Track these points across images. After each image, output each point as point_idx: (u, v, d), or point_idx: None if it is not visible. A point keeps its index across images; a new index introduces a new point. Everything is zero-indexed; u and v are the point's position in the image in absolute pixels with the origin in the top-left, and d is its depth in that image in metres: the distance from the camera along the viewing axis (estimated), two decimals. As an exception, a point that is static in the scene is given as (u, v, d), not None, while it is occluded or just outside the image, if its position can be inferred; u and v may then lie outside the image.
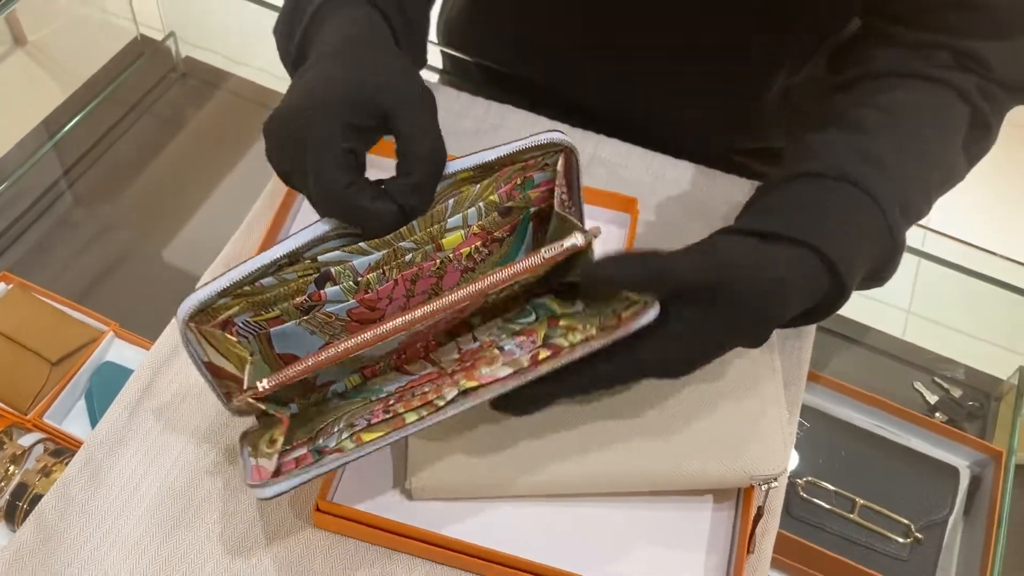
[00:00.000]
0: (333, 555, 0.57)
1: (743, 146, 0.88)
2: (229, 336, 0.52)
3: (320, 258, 0.52)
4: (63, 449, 0.74)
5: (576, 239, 0.52)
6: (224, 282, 0.49)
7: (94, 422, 0.77)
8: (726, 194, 0.78)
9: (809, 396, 0.85)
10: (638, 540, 0.59)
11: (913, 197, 0.59)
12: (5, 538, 0.71)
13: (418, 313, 0.50)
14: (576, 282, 0.58)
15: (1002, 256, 0.90)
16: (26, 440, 0.74)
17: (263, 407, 0.51)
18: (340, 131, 0.50)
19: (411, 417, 0.51)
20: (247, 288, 0.50)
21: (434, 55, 0.94)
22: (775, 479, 0.58)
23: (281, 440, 0.51)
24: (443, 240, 0.56)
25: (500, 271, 0.51)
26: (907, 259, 0.92)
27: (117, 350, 0.81)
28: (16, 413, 0.77)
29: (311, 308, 0.53)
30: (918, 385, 0.92)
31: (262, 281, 0.51)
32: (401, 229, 0.53)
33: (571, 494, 0.60)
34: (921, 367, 0.94)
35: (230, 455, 0.60)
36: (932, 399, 0.91)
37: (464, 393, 0.51)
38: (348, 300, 0.54)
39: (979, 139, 0.64)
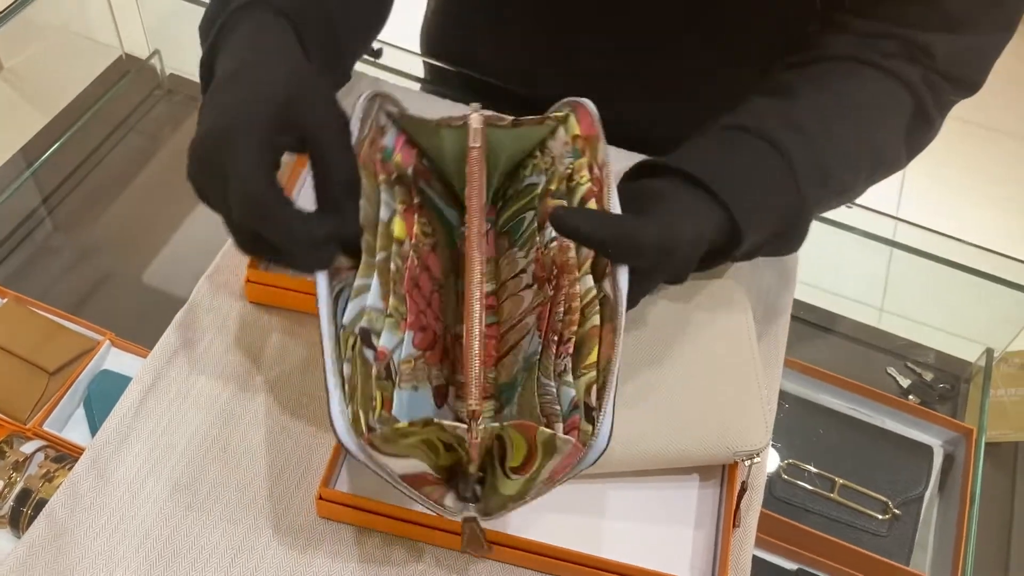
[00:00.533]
0: (337, 541, 0.60)
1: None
2: (403, 426, 0.46)
3: (345, 323, 0.51)
4: (65, 455, 0.76)
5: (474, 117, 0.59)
6: (336, 399, 0.47)
7: (93, 429, 0.79)
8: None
9: (788, 383, 0.88)
10: (628, 518, 0.62)
11: (835, 167, 0.62)
12: (10, 544, 0.73)
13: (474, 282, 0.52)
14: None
15: (968, 243, 0.94)
16: (27, 448, 0.76)
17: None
18: (263, 149, 0.50)
19: (595, 320, 0.51)
20: (345, 389, 0.49)
21: (415, 64, 0.97)
22: (757, 454, 0.61)
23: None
24: (393, 232, 0.57)
25: (471, 189, 0.56)
26: (879, 248, 0.96)
27: (114, 358, 0.83)
28: (16, 423, 0.78)
29: (388, 369, 0.52)
30: (891, 370, 0.95)
31: (344, 373, 0.49)
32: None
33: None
34: (894, 353, 0.97)
35: (233, 450, 0.62)
36: (905, 383, 0.94)
37: (599, 281, 0.53)
38: (401, 334, 0.54)
39: (920, 130, 0.67)
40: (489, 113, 0.61)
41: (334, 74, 0.65)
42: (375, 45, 0.93)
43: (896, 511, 0.80)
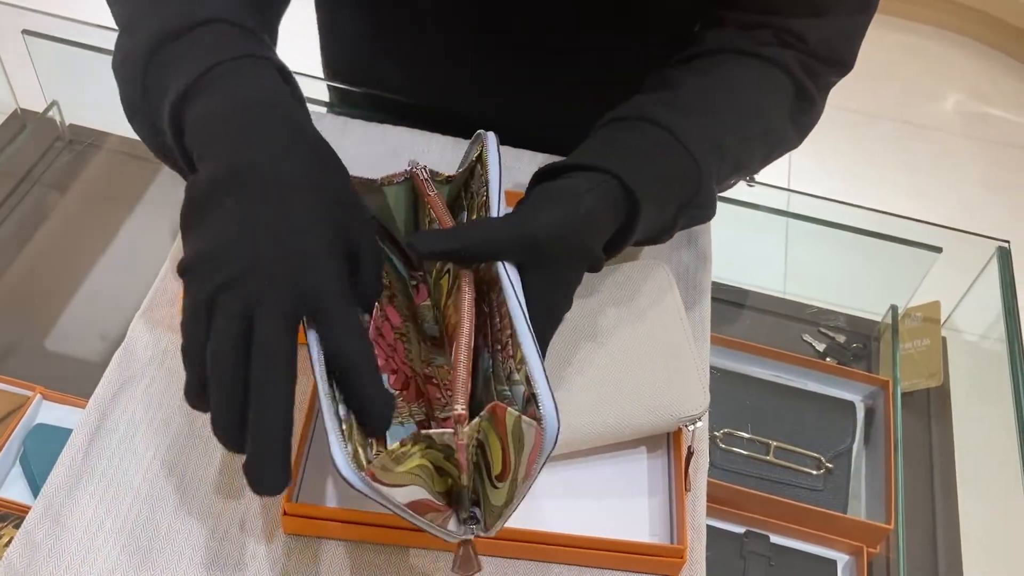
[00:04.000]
0: (307, 555, 0.60)
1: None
2: (395, 447, 0.47)
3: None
4: (7, 514, 0.74)
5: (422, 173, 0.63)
6: (335, 438, 0.47)
7: (33, 484, 0.77)
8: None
9: (713, 357, 0.92)
10: (584, 495, 0.64)
11: (725, 140, 0.65)
12: (-41, 611, 0.71)
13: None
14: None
15: (859, 206, 1.00)
16: (-34, 511, 0.74)
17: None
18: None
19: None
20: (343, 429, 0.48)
21: (319, 88, 0.98)
22: (699, 419, 0.64)
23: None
24: None
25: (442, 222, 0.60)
26: (775, 220, 1.01)
27: (48, 411, 0.81)
28: (-50, 488, 0.76)
29: None
30: (806, 337, 1.01)
31: (341, 414, 0.49)
32: None
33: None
34: (806, 320, 1.03)
35: (189, 480, 0.62)
36: (820, 347, 1.00)
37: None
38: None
39: (805, 110, 0.72)
40: (429, 169, 0.64)
41: None
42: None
43: (829, 465, 0.85)
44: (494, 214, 0.57)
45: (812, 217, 1.00)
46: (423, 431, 0.47)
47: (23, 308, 0.92)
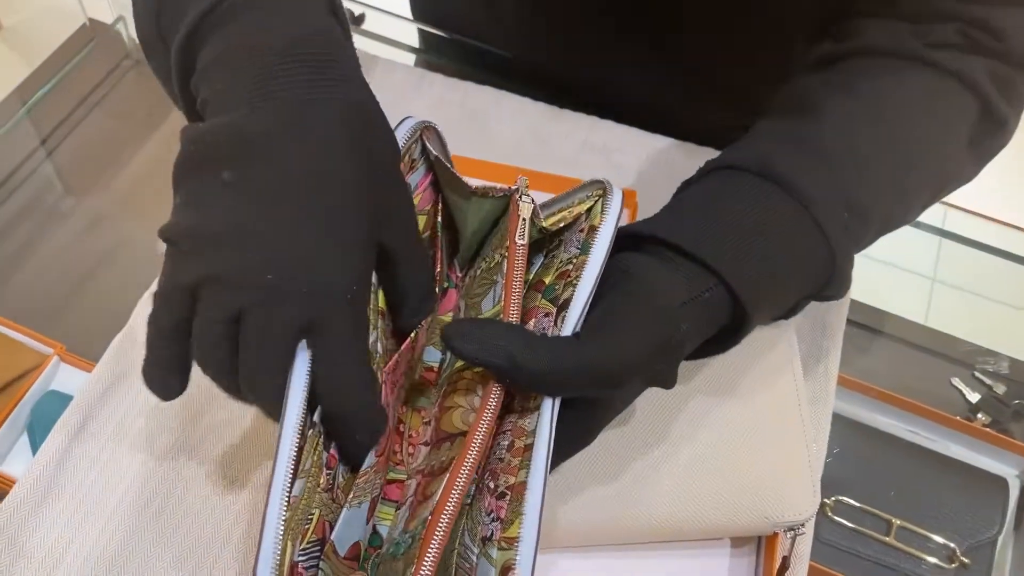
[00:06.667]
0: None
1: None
2: None
3: (316, 420, 0.40)
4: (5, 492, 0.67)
5: (523, 209, 0.46)
6: (276, 525, 0.36)
7: (38, 458, 0.70)
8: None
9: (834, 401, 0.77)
10: (645, 597, 0.51)
11: (875, 199, 0.49)
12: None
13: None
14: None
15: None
16: (-40, 484, 0.67)
17: None
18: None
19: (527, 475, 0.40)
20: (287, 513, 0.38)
21: (403, 31, 0.85)
22: (802, 525, 0.50)
23: None
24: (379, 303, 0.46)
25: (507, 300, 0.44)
26: (927, 239, 0.83)
27: (63, 376, 0.73)
28: (-50, 453, 0.69)
29: (333, 481, 0.41)
30: (956, 381, 0.83)
31: (294, 493, 0.38)
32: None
33: (577, 545, 0.51)
34: (957, 360, 0.85)
35: (171, 511, 0.52)
36: (973, 397, 0.82)
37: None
38: None
39: (991, 134, 0.54)
40: (535, 203, 0.49)
41: None
42: (356, 10, 0.81)
43: (964, 559, 0.69)
44: (577, 310, 0.43)
45: (975, 240, 0.80)
46: None
47: (65, 250, 0.84)
